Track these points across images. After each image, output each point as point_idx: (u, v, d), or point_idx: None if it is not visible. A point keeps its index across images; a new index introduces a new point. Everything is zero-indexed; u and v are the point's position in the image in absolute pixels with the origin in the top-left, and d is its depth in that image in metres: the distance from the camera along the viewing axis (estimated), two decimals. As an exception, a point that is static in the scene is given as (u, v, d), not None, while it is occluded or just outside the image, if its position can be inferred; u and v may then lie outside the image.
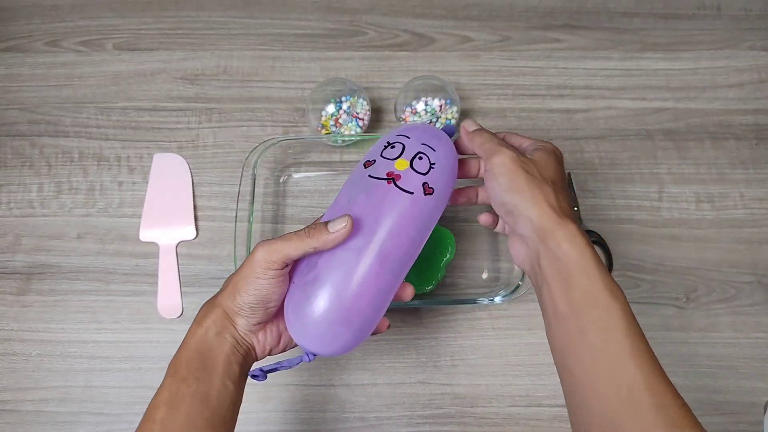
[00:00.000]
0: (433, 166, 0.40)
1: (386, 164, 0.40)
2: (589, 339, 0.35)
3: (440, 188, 0.41)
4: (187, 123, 0.66)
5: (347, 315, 0.37)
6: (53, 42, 0.70)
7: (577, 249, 0.37)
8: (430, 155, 0.41)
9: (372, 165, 0.41)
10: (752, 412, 0.56)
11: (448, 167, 0.42)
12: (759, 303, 0.59)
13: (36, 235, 0.61)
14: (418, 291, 0.57)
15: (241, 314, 0.39)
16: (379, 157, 0.41)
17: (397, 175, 0.39)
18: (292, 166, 0.64)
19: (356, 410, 0.56)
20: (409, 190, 0.39)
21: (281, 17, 0.71)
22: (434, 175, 0.40)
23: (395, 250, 0.38)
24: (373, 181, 0.39)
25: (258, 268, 0.37)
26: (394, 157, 0.40)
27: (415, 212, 0.39)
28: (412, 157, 0.40)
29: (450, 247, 0.59)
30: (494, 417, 0.56)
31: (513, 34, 0.71)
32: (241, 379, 0.40)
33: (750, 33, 0.71)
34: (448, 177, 0.42)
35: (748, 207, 0.63)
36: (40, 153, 0.65)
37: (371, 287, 0.38)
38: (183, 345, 0.39)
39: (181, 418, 0.36)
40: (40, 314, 0.58)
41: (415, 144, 0.41)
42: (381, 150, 0.41)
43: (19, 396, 0.56)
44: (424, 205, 0.39)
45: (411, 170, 0.40)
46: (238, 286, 0.39)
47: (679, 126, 0.66)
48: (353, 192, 0.40)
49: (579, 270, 0.36)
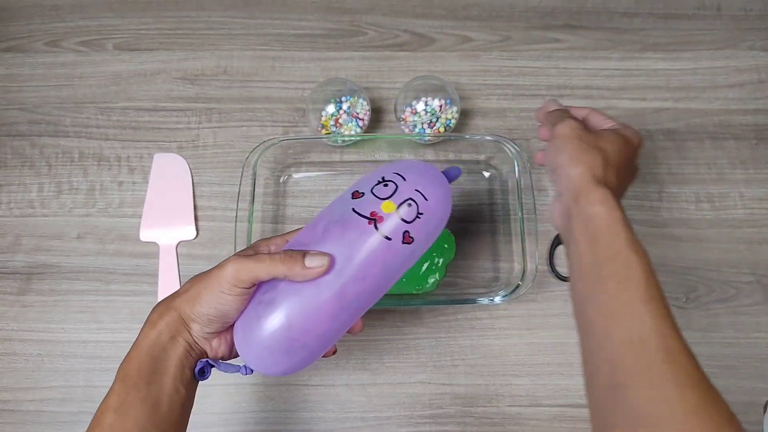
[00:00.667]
0: (420, 216, 0.39)
1: (374, 202, 0.39)
2: (608, 287, 0.36)
3: (421, 239, 0.40)
4: (187, 123, 0.66)
5: (292, 346, 0.37)
6: (53, 42, 0.70)
7: (605, 208, 0.38)
8: (421, 204, 0.39)
9: (360, 198, 0.39)
10: (752, 412, 0.56)
11: (435, 219, 0.41)
12: (759, 303, 0.59)
13: (36, 235, 0.61)
14: (405, 291, 0.58)
15: (198, 322, 0.38)
16: (369, 192, 0.40)
17: (380, 218, 0.38)
18: (292, 166, 0.64)
19: (356, 410, 0.56)
20: (388, 236, 0.38)
21: (281, 17, 0.71)
22: (418, 226, 0.39)
23: (357, 293, 0.37)
24: (355, 217, 0.38)
25: (225, 283, 0.37)
26: (383, 197, 0.39)
27: (387, 259, 0.38)
28: (401, 202, 0.39)
29: (450, 247, 0.59)
30: (494, 417, 0.56)
31: (513, 34, 0.71)
32: (192, 383, 0.39)
33: (750, 33, 0.71)
34: (433, 228, 0.41)
35: (748, 207, 0.63)
36: (41, 153, 0.65)
37: (323, 325, 0.37)
38: (134, 347, 0.38)
39: (129, 423, 0.35)
40: (40, 314, 0.58)
41: (408, 188, 0.40)
42: (373, 185, 0.40)
43: (20, 396, 0.56)
44: (400, 253, 0.38)
45: (396, 215, 0.39)
46: (200, 296, 0.38)
47: (679, 126, 0.67)
48: (333, 219, 0.39)
49: (605, 227, 0.38)
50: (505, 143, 0.59)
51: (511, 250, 0.59)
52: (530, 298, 0.59)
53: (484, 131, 0.66)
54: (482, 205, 0.63)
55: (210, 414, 0.55)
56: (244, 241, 0.56)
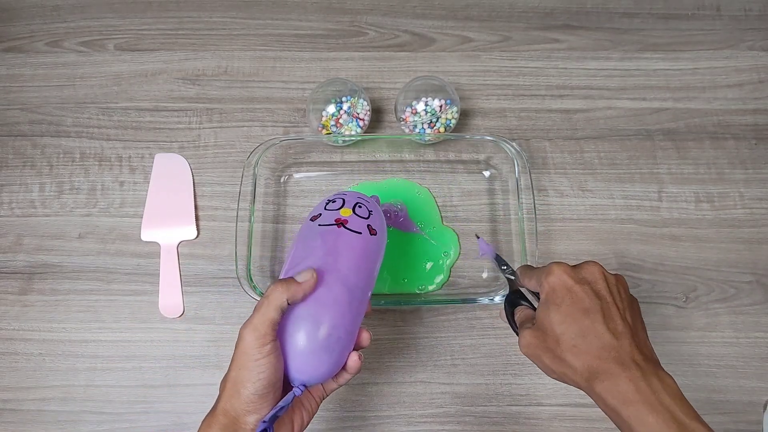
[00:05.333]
0: (372, 213, 0.46)
1: (332, 214, 0.44)
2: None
3: (380, 230, 0.45)
4: (188, 123, 0.66)
5: (329, 342, 0.39)
6: (54, 42, 0.70)
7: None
8: (367, 204, 0.46)
9: (319, 217, 0.45)
10: (752, 412, 0.56)
11: (380, 215, 0.47)
12: (758, 302, 0.59)
13: (37, 234, 0.61)
14: (408, 290, 0.58)
15: (251, 409, 0.37)
16: (323, 210, 0.45)
17: (345, 220, 0.44)
18: (292, 166, 0.64)
19: (357, 409, 0.56)
20: (357, 231, 0.43)
21: (282, 18, 0.71)
22: (374, 219, 0.45)
23: (357, 281, 0.41)
24: (325, 228, 0.43)
25: (251, 349, 0.37)
26: (337, 208, 0.45)
27: (366, 248, 0.43)
28: (353, 205, 0.45)
29: (455, 248, 0.60)
30: (494, 416, 0.56)
31: (513, 35, 0.71)
32: None
33: (749, 33, 0.71)
34: (383, 222, 0.47)
35: (748, 207, 0.63)
36: (42, 153, 0.65)
37: (344, 316, 0.40)
38: None
39: None
40: (41, 314, 0.59)
41: (352, 198, 0.47)
42: (324, 206, 0.46)
43: (21, 395, 0.56)
44: (372, 242, 0.44)
45: (355, 215, 0.44)
46: (239, 380, 0.37)
47: (679, 126, 0.67)
48: (308, 242, 0.43)
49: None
50: (505, 143, 0.59)
51: (511, 250, 0.59)
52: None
53: (484, 131, 0.66)
54: (482, 205, 0.63)
55: (211, 413, 0.56)
56: (245, 241, 0.56)
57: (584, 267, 0.40)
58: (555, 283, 0.40)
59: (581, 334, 0.37)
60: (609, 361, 0.36)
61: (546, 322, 0.39)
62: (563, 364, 0.38)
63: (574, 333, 0.38)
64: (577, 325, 0.38)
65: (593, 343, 0.37)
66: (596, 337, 0.37)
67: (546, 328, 0.39)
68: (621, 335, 0.37)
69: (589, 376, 0.36)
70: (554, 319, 0.39)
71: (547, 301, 0.40)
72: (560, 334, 0.38)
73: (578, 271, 0.40)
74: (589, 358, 0.37)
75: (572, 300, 0.39)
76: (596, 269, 0.40)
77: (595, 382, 0.36)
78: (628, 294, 0.41)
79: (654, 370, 0.35)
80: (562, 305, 0.39)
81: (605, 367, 0.36)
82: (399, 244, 0.60)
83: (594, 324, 0.37)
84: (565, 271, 0.40)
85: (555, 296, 0.39)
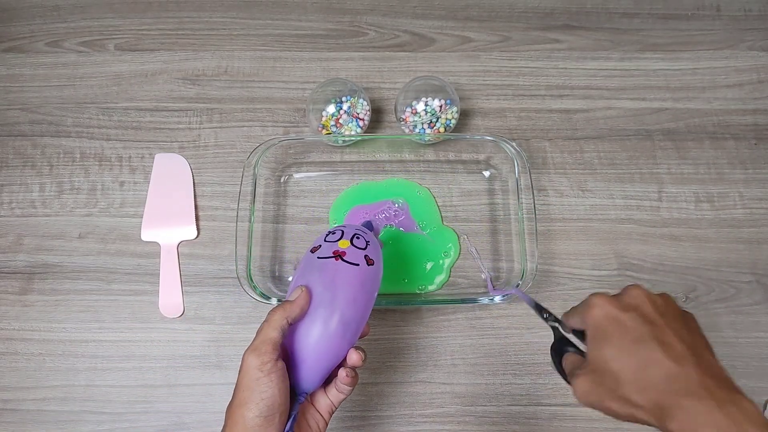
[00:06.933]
0: (369, 244, 0.47)
1: (331, 246, 0.45)
2: None
3: (377, 260, 0.46)
4: (188, 123, 0.66)
5: (316, 367, 0.41)
6: (55, 42, 0.70)
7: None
8: (364, 236, 0.48)
9: (318, 249, 0.46)
10: (751, 411, 0.56)
11: (376, 246, 0.48)
12: (758, 302, 0.59)
13: (38, 234, 0.61)
14: (408, 290, 0.59)
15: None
16: (323, 242, 0.46)
17: (343, 252, 0.45)
18: (292, 166, 0.64)
19: (357, 409, 0.56)
20: (354, 263, 0.44)
21: (282, 18, 0.72)
22: (371, 250, 0.46)
23: (355, 314, 0.42)
24: (323, 261, 0.44)
25: (253, 369, 0.37)
26: (336, 239, 0.46)
27: (363, 279, 0.44)
28: (351, 237, 0.46)
29: (455, 248, 0.60)
30: (494, 416, 0.56)
31: (513, 35, 0.71)
32: None
33: (749, 33, 0.71)
34: (380, 253, 0.48)
35: (748, 207, 0.63)
36: (42, 153, 0.65)
37: (340, 351, 0.42)
38: None
39: None
40: (42, 314, 0.59)
41: (350, 230, 0.48)
42: (324, 238, 0.47)
43: (21, 395, 0.56)
44: (369, 273, 0.45)
45: (353, 247, 0.45)
46: (243, 402, 0.37)
47: (679, 126, 0.67)
48: (306, 273, 0.44)
49: None
50: (504, 143, 0.59)
51: (512, 250, 0.60)
52: (530, 297, 0.59)
53: (484, 131, 0.66)
54: (482, 205, 0.63)
55: (211, 413, 0.56)
56: (245, 240, 0.56)
57: (626, 292, 0.37)
58: (598, 316, 0.36)
59: (640, 366, 0.33)
60: (677, 393, 0.32)
61: (599, 361, 0.35)
62: (628, 405, 0.33)
63: (632, 367, 0.34)
64: (633, 358, 0.34)
65: (655, 374, 0.33)
66: (657, 368, 0.33)
67: (600, 368, 0.35)
68: (683, 360, 0.33)
69: (660, 414, 0.32)
70: (607, 356, 0.35)
71: (594, 337, 0.36)
72: (617, 371, 0.34)
73: (621, 298, 0.37)
74: (654, 393, 0.33)
75: (621, 331, 0.35)
76: (639, 292, 0.36)
77: (667, 420, 0.32)
78: (681, 311, 0.37)
79: (729, 397, 0.31)
80: (611, 339, 0.35)
81: (674, 402, 0.32)
82: (399, 244, 0.60)
83: (651, 353, 0.33)
84: (607, 301, 0.36)
85: (601, 331, 0.36)
